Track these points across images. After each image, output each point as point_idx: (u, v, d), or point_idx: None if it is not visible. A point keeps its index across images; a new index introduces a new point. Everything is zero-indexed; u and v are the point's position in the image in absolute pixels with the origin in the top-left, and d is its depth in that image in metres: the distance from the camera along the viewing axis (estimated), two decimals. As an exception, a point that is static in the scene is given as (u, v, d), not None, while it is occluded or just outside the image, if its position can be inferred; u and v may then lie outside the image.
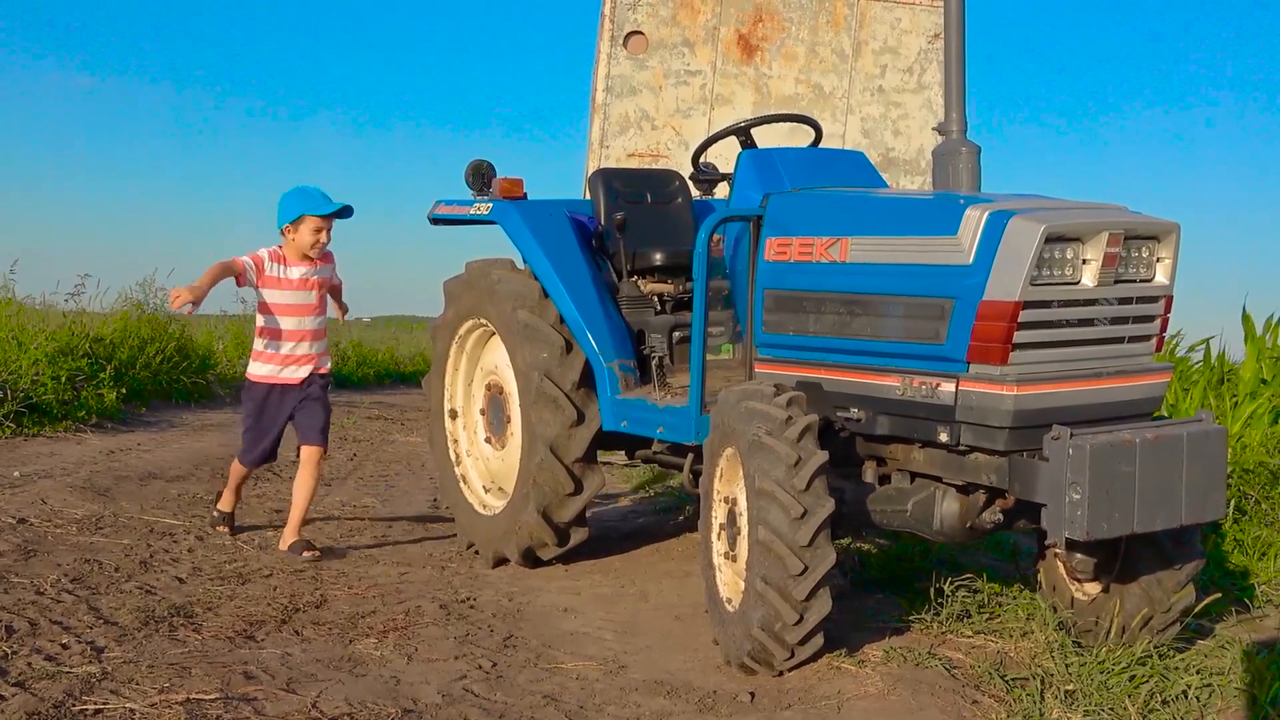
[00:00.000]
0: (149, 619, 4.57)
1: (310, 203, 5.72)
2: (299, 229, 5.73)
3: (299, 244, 5.75)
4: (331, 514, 6.98)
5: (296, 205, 5.73)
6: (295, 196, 5.75)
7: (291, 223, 5.74)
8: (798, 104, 7.94)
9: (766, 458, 3.96)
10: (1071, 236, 3.90)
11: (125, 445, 8.92)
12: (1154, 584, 4.31)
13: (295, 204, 5.73)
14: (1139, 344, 4.21)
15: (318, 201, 5.74)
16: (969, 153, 4.74)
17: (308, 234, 5.73)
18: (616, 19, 7.80)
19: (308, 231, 5.73)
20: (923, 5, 8.14)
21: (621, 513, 7.33)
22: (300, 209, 5.71)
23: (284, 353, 5.86)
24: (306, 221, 5.72)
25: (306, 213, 5.71)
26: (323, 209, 5.73)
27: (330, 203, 5.76)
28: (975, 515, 4.26)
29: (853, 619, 4.66)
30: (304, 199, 5.73)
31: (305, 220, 5.72)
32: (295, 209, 5.72)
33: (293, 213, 5.72)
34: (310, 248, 5.76)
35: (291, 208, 5.73)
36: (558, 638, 4.61)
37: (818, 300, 4.44)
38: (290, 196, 5.76)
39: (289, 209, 5.74)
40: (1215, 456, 4.00)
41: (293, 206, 5.73)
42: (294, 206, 5.73)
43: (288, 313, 5.83)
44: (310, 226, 5.73)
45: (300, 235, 5.74)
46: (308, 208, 5.71)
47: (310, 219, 5.72)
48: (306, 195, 5.74)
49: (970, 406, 3.91)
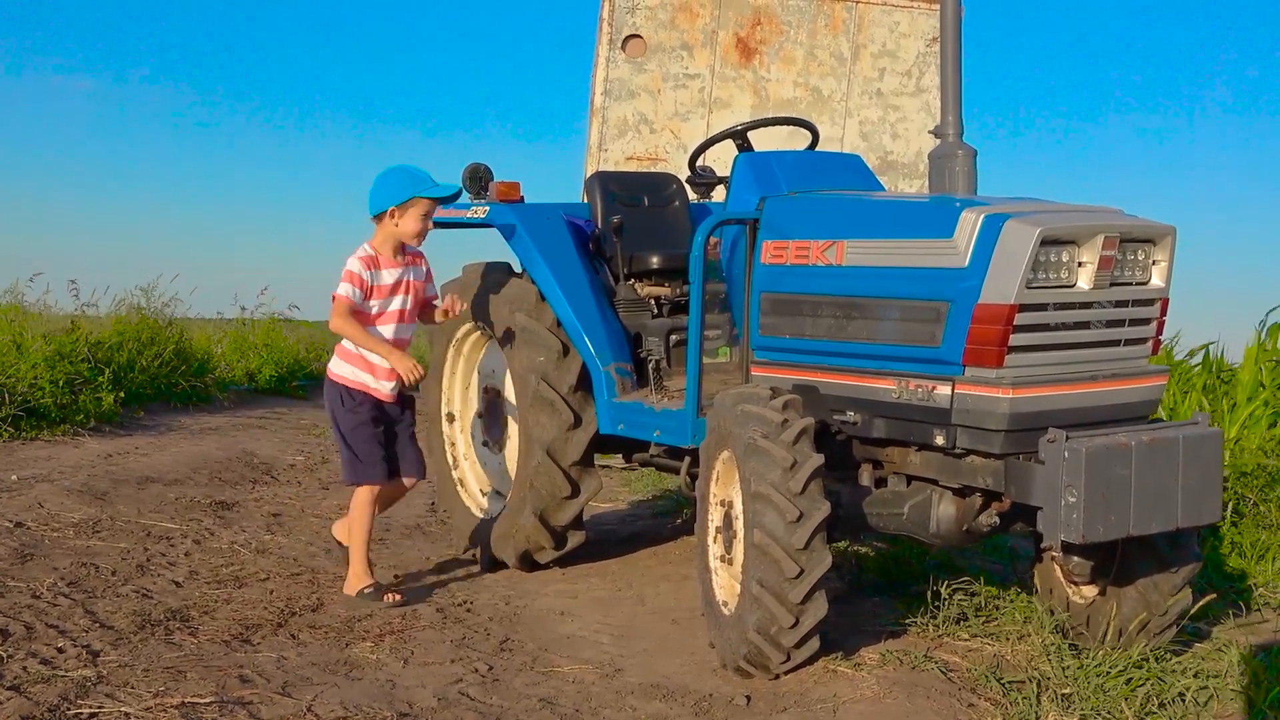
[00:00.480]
0: (145, 623, 4.57)
1: (421, 184, 5.08)
2: (405, 213, 5.05)
3: (401, 230, 5.08)
4: (328, 517, 6.97)
5: (407, 186, 5.06)
6: (401, 176, 5.09)
7: (400, 205, 5.05)
8: (796, 107, 7.94)
9: (762, 461, 3.96)
10: (1067, 239, 3.90)
11: (123, 449, 8.92)
12: (1151, 587, 4.31)
13: (404, 184, 5.07)
14: (1135, 347, 4.21)
15: (429, 183, 5.11)
16: (965, 156, 4.73)
17: (415, 220, 5.07)
18: (615, 22, 7.79)
19: (416, 217, 5.07)
20: (921, 8, 8.14)
21: (618, 516, 7.32)
22: (412, 190, 5.05)
23: (375, 362, 5.14)
24: (417, 205, 5.07)
25: (419, 195, 5.06)
26: (437, 191, 5.13)
27: (443, 185, 5.18)
28: (972, 518, 4.26)
29: (849, 622, 4.66)
30: (413, 179, 5.08)
31: (416, 204, 5.06)
32: (405, 190, 5.05)
33: (403, 193, 5.05)
34: (414, 236, 5.12)
35: (400, 188, 5.06)
36: (554, 641, 4.61)
37: (814, 303, 4.44)
38: (396, 175, 5.10)
39: (396, 189, 5.07)
40: (1211, 459, 4.00)
41: (402, 186, 5.06)
42: (404, 187, 5.06)
43: (382, 321, 5.14)
44: (420, 211, 5.08)
45: (406, 221, 5.06)
46: (420, 189, 5.07)
47: (421, 202, 5.07)
48: (415, 176, 5.10)
49: (966, 409, 3.91)
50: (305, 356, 16.28)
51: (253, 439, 10.22)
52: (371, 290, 5.07)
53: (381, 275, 5.10)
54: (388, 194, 5.06)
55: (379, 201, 5.08)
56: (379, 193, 5.09)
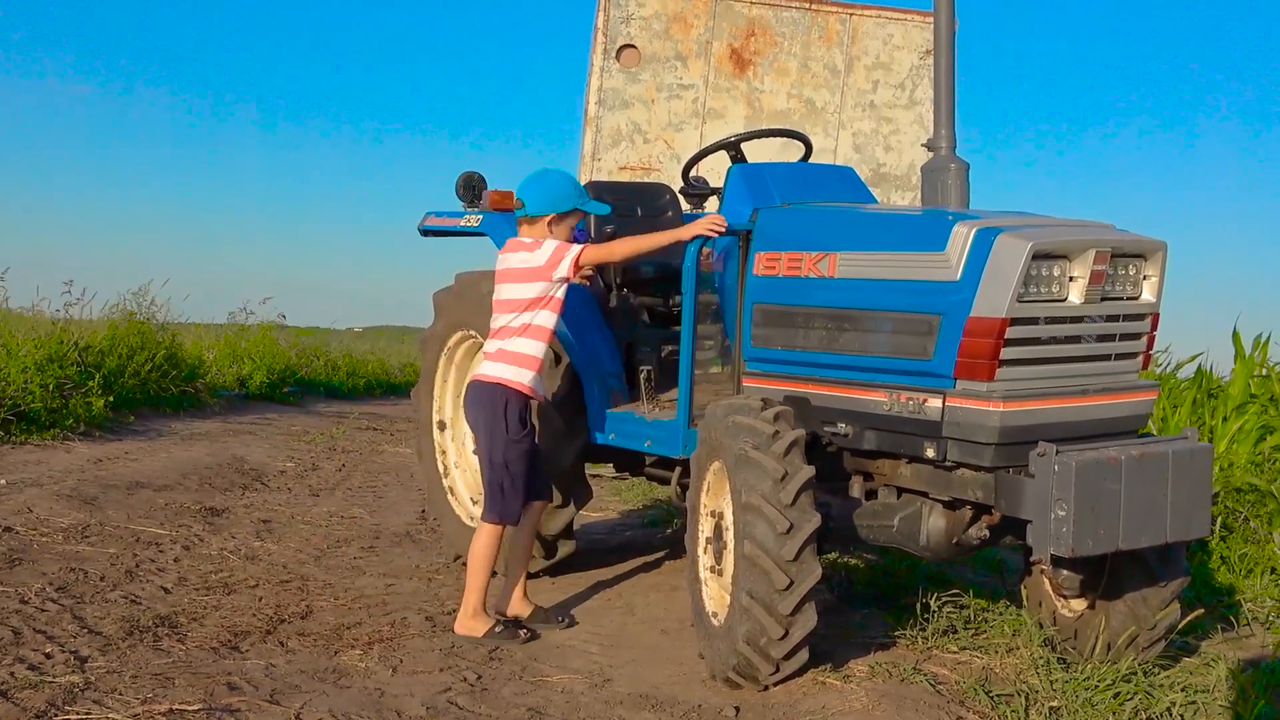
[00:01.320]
0: (133, 629, 4.55)
1: (584, 198, 4.93)
2: (563, 221, 4.84)
3: (555, 234, 4.82)
4: (318, 525, 6.96)
5: (572, 197, 4.86)
6: (567, 185, 4.90)
7: (562, 214, 4.84)
8: (790, 119, 7.95)
9: (753, 472, 3.96)
10: (1059, 254, 3.91)
11: (113, 454, 8.90)
12: (1139, 601, 4.32)
13: (570, 195, 4.86)
14: (1125, 361, 4.23)
15: (588, 197, 4.99)
16: (958, 169, 4.75)
17: (568, 230, 4.86)
18: (609, 32, 7.80)
19: (569, 226, 4.87)
20: (914, 21, 8.15)
21: (609, 526, 7.32)
22: (577, 202, 4.87)
23: (541, 356, 4.84)
24: (575, 215, 4.91)
25: (581, 208, 4.91)
26: (595, 208, 5.01)
27: (597, 203, 5.03)
28: (961, 531, 4.26)
29: (838, 634, 4.66)
30: (579, 192, 4.92)
31: (575, 214, 4.90)
32: (571, 200, 4.85)
33: (567, 204, 4.84)
34: (565, 240, 4.85)
35: (566, 197, 4.84)
36: (543, 650, 4.60)
37: (806, 315, 4.44)
38: (562, 183, 4.90)
39: (562, 197, 4.85)
40: (1200, 474, 4.01)
41: (567, 196, 4.85)
42: (569, 197, 4.85)
43: (551, 307, 4.83)
44: (575, 221, 4.92)
45: (560, 229, 4.82)
46: (583, 204, 4.91)
47: (579, 213, 4.93)
48: (579, 188, 4.95)
49: (957, 422, 3.92)
50: (296, 362, 16.26)
51: (243, 445, 10.21)
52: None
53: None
54: (554, 199, 4.83)
55: (544, 204, 4.83)
56: (546, 195, 4.84)
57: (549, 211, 4.81)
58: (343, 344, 20.75)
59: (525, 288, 4.74)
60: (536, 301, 4.74)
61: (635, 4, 7.75)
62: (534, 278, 4.73)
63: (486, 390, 4.77)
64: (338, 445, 10.97)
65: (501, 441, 4.73)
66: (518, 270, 4.78)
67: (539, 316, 4.76)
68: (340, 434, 11.81)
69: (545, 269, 4.71)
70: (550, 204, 4.82)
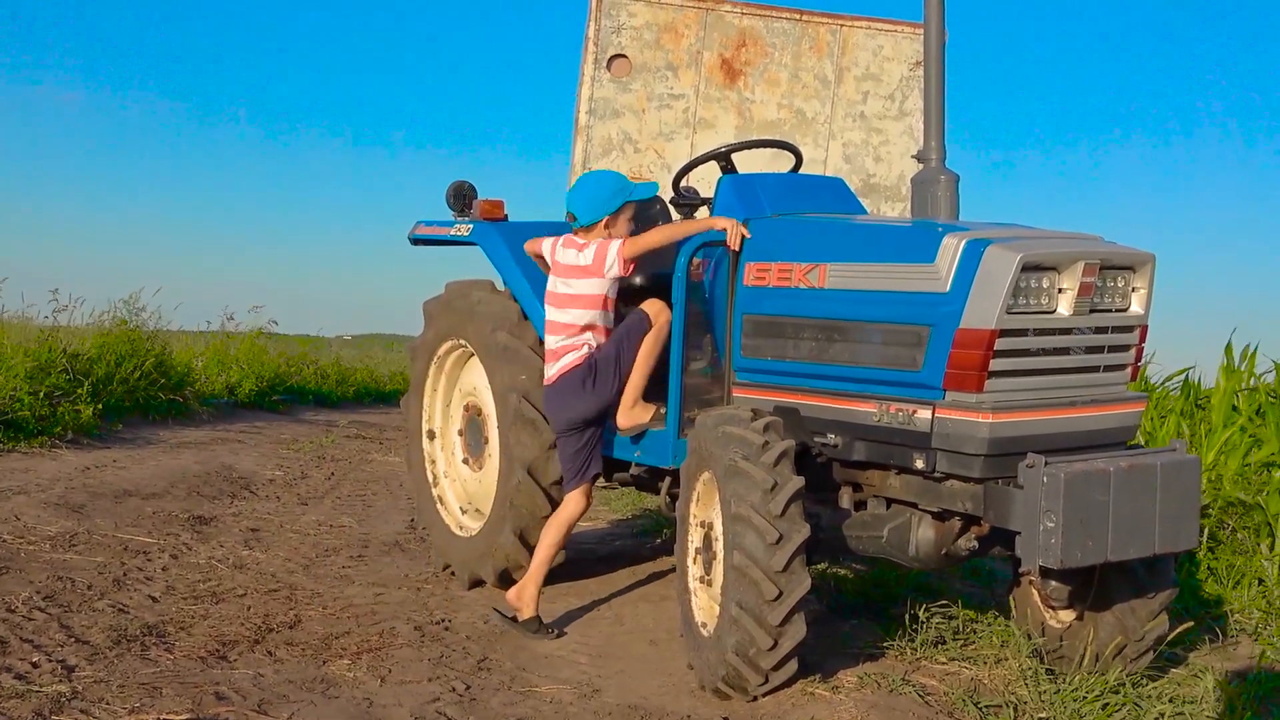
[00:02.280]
0: (121, 638, 4.54)
1: (627, 190, 5.06)
2: (618, 220, 5.03)
3: (615, 234, 5.01)
4: (306, 533, 6.95)
5: (617, 194, 5.02)
6: (609, 185, 5.07)
7: (612, 215, 5.01)
8: (780, 129, 7.96)
9: (743, 482, 3.97)
10: (1048, 266, 3.92)
11: (101, 462, 8.87)
12: (1128, 612, 4.33)
13: (615, 192, 5.02)
14: (1114, 373, 4.24)
15: (631, 187, 5.09)
16: (948, 181, 4.77)
17: (625, 223, 5.05)
18: (600, 42, 7.80)
19: (625, 220, 5.05)
20: (904, 33, 8.18)
21: (598, 535, 7.32)
22: (622, 198, 5.02)
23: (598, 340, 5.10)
24: (627, 209, 5.05)
25: (629, 200, 5.05)
26: (642, 194, 5.13)
27: (642, 186, 5.17)
28: (950, 542, 4.27)
29: (827, 644, 4.67)
30: (620, 187, 5.05)
31: (626, 209, 5.04)
32: (616, 198, 5.01)
33: (614, 202, 5.00)
34: (626, 235, 5.02)
35: (611, 196, 5.01)
36: (532, 660, 4.60)
37: (796, 325, 4.45)
38: (602, 185, 5.07)
39: (607, 199, 5.01)
40: (1189, 486, 4.03)
41: (613, 194, 5.01)
42: (614, 195, 5.01)
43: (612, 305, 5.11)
44: (629, 214, 5.07)
45: (618, 226, 5.03)
46: (628, 195, 5.05)
47: (630, 206, 5.06)
48: (620, 183, 5.08)
49: (946, 433, 3.93)
50: (286, 371, 16.22)
51: (232, 453, 10.18)
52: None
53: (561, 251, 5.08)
54: (599, 205, 5.01)
55: (592, 212, 5.01)
56: (591, 204, 5.02)
57: (601, 216, 5.00)
58: (332, 352, 20.70)
59: (582, 283, 4.98)
60: (595, 300, 4.99)
61: (626, 14, 7.76)
62: (585, 274, 4.97)
63: (563, 381, 5.02)
64: (327, 454, 10.94)
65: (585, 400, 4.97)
66: (570, 267, 5.02)
67: (599, 316, 5.02)
68: (329, 442, 11.79)
69: (594, 267, 4.94)
70: (599, 209, 5.01)
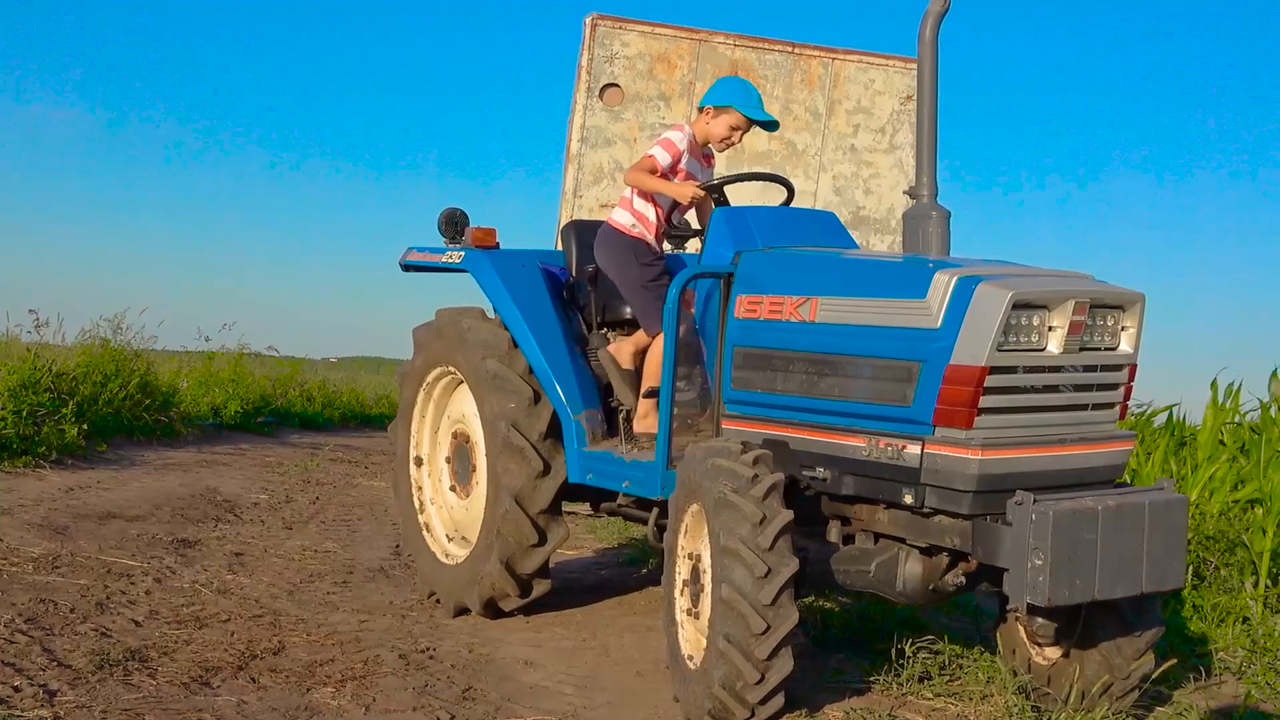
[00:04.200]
0: (103, 662, 4.50)
1: (746, 99, 5.32)
2: (718, 118, 5.31)
3: (710, 132, 5.35)
4: (291, 558, 6.91)
5: (731, 94, 5.33)
6: (733, 86, 5.41)
7: (717, 107, 5.31)
8: (771, 161, 8.01)
9: (732, 515, 3.96)
10: (1038, 304, 3.94)
11: (85, 483, 8.82)
12: (1114, 650, 4.33)
13: (731, 92, 5.35)
14: (1103, 411, 4.26)
15: (753, 103, 5.33)
16: (939, 217, 4.79)
17: (723, 127, 5.32)
18: (593, 71, 7.85)
19: (725, 125, 5.32)
20: (896, 66, 8.24)
21: (584, 564, 7.30)
22: (731, 99, 5.30)
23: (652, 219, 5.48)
24: (729, 114, 5.29)
25: (735, 106, 5.29)
26: (751, 112, 5.31)
27: (762, 111, 5.36)
28: (938, 577, 4.27)
29: (814, 678, 4.66)
30: (742, 93, 5.35)
31: (729, 113, 5.29)
32: (728, 97, 5.31)
33: (724, 99, 5.31)
34: (718, 141, 5.37)
35: (727, 92, 5.34)
36: (517, 691, 4.58)
37: (786, 359, 4.46)
38: (730, 83, 5.46)
39: (723, 92, 5.35)
40: (1176, 525, 4.03)
41: (729, 92, 5.34)
42: (729, 93, 5.33)
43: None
44: (729, 122, 5.31)
45: (715, 125, 5.33)
46: (738, 102, 5.29)
47: (734, 114, 5.29)
48: (747, 92, 5.37)
49: (935, 469, 3.93)
50: (272, 392, 16.17)
51: (217, 475, 10.14)
52: (673, 167, 5.31)
53: (691, 161, 5.37)
54: (714, 93, 5.36)
55: (708, 96, 5.37)
56: (712, 89, 5.39)
57: (705, 104, 5.37)
58: (318, 374, 20.63)
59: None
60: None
61: (619, 44, 7.81)
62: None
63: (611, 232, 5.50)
64: (312, 477, 10.91)
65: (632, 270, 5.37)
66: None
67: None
68: (314, 465, 11.75)
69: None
70: (708, 96, 5.38)
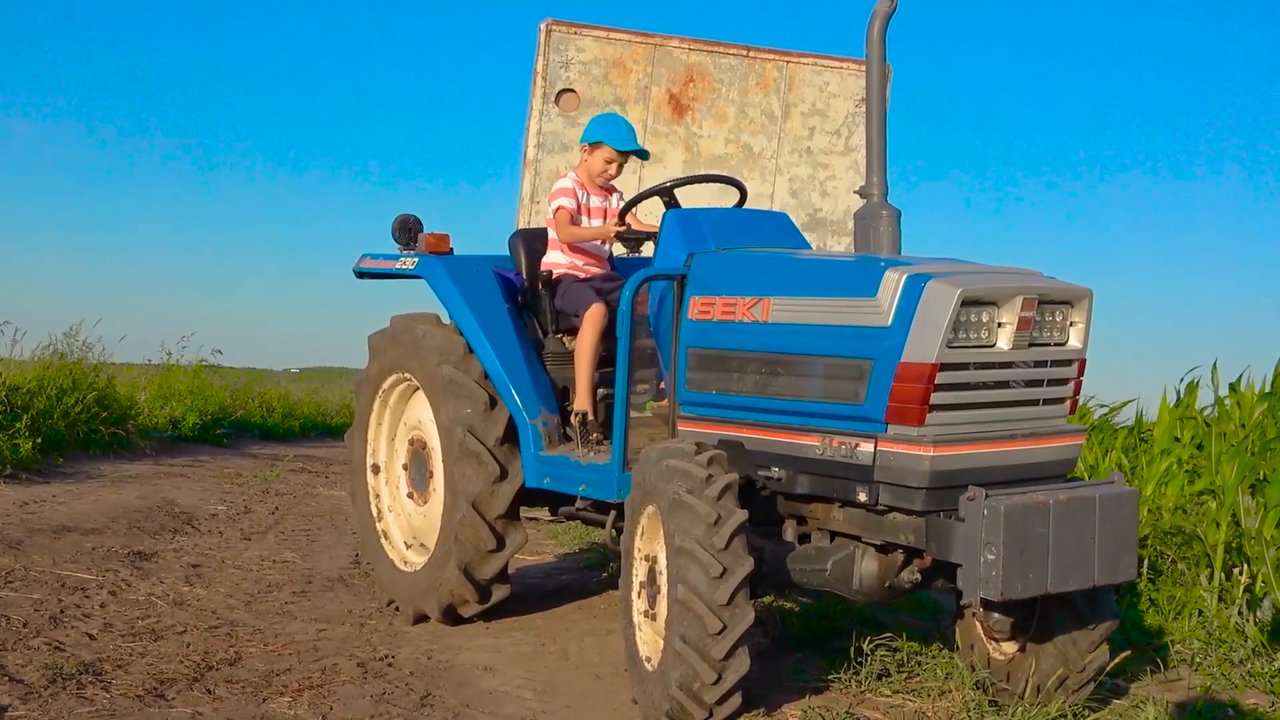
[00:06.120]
0: (56, 676, 4.46)
1: (615, 134, 5.64)
2: (594, 154, 5.65)
3: (590, 168, 5.67)
4: (249, 569, 6.86)
5: (602, 130, 5.65)
6: (605, 121, 5.72)
7: (591, 144, 5.66)
8: (727, 164, 8.01)
9: (686, 516, 3.97)
10: (987, 300, 3.97)
11: (40, 497, 8.72)
12: (1069, 643, 4.36)
13: (601, 128, 5.67)
14: (1053, 406, 4.29)
15: (621, 135, 5.65)
16: (890, 216, 4.81)
17: (599, 163, 5.64)
18: (549, 76, 7.83)
19: (600, 160, 5.64)
20: (850, 69, 8.27)
21: (544, 569, 7.28)
22: (600, 135, 5.63)
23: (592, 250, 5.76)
24: (602, 149, 5.63)
25: (605, 141, 5.61)
26: (622, 145, 5.64)
27: (632, 141, 5.68)
28: (894, 575, 4.29)
29: (771, 678, 4.66)
30: (613, 128, 5.67)
31: (601, 148, 5.62)
32: (598, 133, 5.65)
33: (594, 135, 5.65)
34: (596, 176, 5.67)
35: (596, 131, 5.66)
36: (476, 697, 4.56)
37: (740, 359, 4.47)
38: (600, 119, 5.75)
39: (594, 130, 5.67)
40: (1127, 518, 4.07)
41: (598, 130, 5.66)
42: (598, 130, 5.66)
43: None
44: (604, 156, 5.64)
45: (593, 162, 5.66)
46: (607, 136, 5.62)
47: (606, 149, 5.62)
48: (615, 125, 5.69)
49: (888, 467, 3.95)
50: (230, 404, 16.05)
51: (174, 488, 10.05)
52: (589, 211, 5.66)
53: (592, 198, 5.69)
54: (588, 131, 5.71)
55: (584, 134, 5.74)
56: (587, 128, 5.75)
57: (583, 141, 5.72)
58: (279, 385, 20.49)
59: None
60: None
61: (575, 49, 7.80)
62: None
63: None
64: (271, 488, 10.83)
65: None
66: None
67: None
68: (274, 476, 11.67)
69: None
70: (584, 134, 5.72)
